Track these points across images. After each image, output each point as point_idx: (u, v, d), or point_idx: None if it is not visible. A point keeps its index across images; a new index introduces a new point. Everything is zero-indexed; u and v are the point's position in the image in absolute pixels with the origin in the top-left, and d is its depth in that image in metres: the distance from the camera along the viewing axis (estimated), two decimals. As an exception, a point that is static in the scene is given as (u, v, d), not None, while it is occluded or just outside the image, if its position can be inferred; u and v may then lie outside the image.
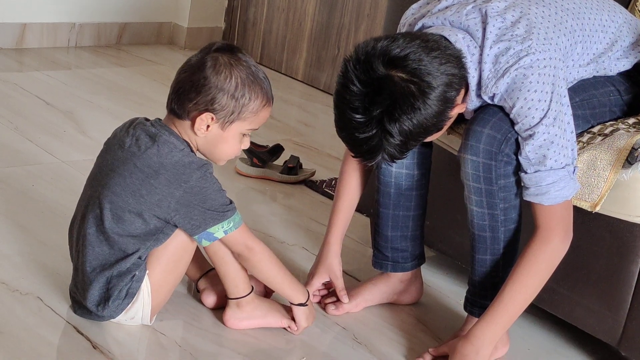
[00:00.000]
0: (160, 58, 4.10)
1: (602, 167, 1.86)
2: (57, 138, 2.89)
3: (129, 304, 1.84)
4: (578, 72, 1.95)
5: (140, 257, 1.82)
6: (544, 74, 1.75)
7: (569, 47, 1.87)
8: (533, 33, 1.77)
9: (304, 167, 2.95)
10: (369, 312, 2.13)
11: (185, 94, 1.78)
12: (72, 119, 3.10)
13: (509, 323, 1.87)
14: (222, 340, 1.91)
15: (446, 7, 1.87)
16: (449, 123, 1.81)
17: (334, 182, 2.89)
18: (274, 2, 4.23)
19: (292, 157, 2.91)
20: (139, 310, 1.86)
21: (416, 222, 2.11)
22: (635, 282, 1.91)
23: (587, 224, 1.93)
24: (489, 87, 1.79)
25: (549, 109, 1.75)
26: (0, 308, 1.87)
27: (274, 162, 2.91)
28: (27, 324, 1.84)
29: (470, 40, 1.80)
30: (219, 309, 1.99)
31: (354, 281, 2.26)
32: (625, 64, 2.02)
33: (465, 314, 2.03)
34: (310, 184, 2.89)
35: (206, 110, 1.78)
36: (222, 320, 1.95)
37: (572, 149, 1.79)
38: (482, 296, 1.96)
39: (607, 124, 1.98)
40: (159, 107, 1.84)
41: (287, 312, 1.98)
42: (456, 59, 1.75)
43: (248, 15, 4.37)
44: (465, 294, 2.02)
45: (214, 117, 1.78)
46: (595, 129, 1.97)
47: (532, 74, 1.75)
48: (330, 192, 2.81)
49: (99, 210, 1.81)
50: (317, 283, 2.11)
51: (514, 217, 1.89)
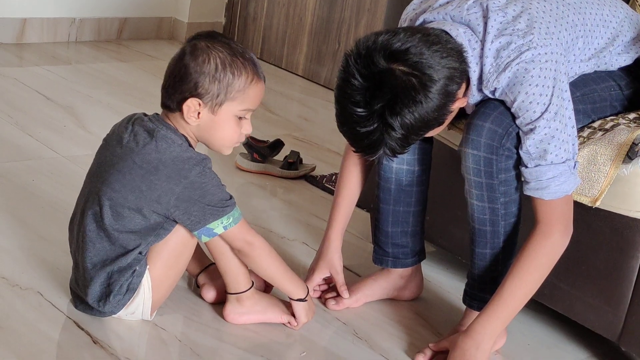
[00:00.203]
0: (161, 53, 4.10)
1: (603, 162, 1.86)
2: (57, 133, 2.89)
3: (129, 299, 1.84)
4: (579, 66, 1.95)
5: (141, 253, 1.82)
6: (546, 69, 1.75)
7: (570, 41, 1.87)
8: (534, 27, 1.77)
9: (304, 162, 2.95)
10: (369, 308, 2.13)
11: (172, 86, 1.79)
12: (73, 113, 3.09)
13: (509, 318, 1.87)
14: (222, 335, 1.91)
15: (447, 2, 1.87)
16: (450, 117, 1.81)
17: (334, 177, 2.89)
18: (274, -3, 4.23)
19: (292, 152, 2.91)
20: (139, 306, 1.86)
21: (416, 218, 2.11)
22: (635, 278, 1.91)
23: (588, 219, 1.93)
24: (490, 81, 1.79)
25: (550, 104, 1.75)
26: (1, 303, 1.87)
27: (274, 157, 2.91)
28: (27, 318, 1.84)
29: (472, 35, 1.80)
30: (219, 303, 1.99)
31: (355, 276, 2.26)
32: (626, 59, 2.02)
33: (465, 307, 2.03)
34: (311, 179, 2.89)
35: (191, 96, 1.78)
36: (222, 315, 1.95)
37: (573, 144, 1.79)
38: (482, 289, 1.96)
39: (608, 118, 1.98)
40: (159, 102, 1.84)
41: (287, 307, 1.98)
42: (457, 52, 1.75)
43: (248, 10, 4.37)
44: (464, 288, 2.02)
45: (201, 103, 1.78)
46: (596, 124, 1.96)
47: (533, 68, 1.74)
48: (330, 187, 2.81)
49: (99, 208, 1.80)
50: (318, 278, 2.11)
51: (514, 211, 1.89)
